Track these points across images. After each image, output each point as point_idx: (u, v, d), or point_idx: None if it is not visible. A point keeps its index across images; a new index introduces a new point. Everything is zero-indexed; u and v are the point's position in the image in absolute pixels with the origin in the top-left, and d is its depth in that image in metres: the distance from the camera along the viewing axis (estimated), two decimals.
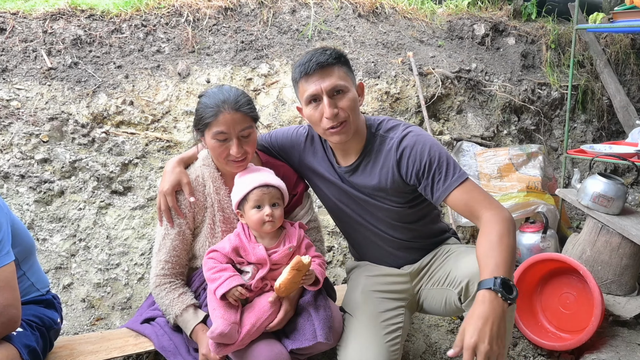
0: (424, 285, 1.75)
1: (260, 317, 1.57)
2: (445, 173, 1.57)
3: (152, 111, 2.75)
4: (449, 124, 3.31)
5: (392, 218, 1.74)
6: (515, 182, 2.89)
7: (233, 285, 1.53)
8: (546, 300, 2.42)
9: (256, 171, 1.67)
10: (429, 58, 3.43)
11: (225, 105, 1.57)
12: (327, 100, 1.55)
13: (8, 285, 1.44)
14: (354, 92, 1.61)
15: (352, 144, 1.68)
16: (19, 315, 1.46)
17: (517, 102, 3.55)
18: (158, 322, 1.79)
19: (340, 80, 1.56)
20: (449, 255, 1.70)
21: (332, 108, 1.55)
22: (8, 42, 2.70)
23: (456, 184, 1.55)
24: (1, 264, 1.43)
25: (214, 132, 1.58)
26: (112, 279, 2.42)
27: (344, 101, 1.57)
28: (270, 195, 1.60)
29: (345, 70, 1.60)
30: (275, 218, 1.60)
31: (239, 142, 1.59)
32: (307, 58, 1.57)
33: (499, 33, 3.92)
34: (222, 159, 1.63)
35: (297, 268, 1.50)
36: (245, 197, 1.61)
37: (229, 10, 3.15)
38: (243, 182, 1.64)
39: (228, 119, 1.56)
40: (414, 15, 3.70)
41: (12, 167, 2.47)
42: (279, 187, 1.64)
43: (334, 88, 1.55)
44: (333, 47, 1.64)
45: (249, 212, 1.62)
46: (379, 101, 3.09)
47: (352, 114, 1.59)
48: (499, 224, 1.44)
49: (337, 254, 2.72)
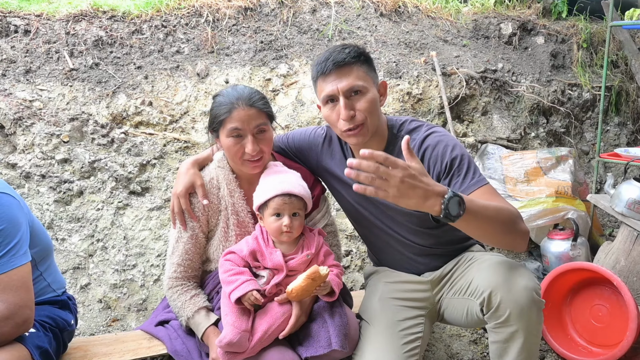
0: (445, 294, 1.67)
1: (272, 323, 1.52)
2: (464, 175, 1.49)
3: (170, 112, 2.74)
4: (474, 125, 3.20)
5: (413, 223, 1.66)
6: (543, 187, 2.76)
7: (249, 290, 1.48)
8: (576, 312, 2.29)
9: (282, 173, 1.61)
10: (452, 58, 3.32)
11: (240, 101, 1.53)
12: (344, 102, 1.49)
13: (24, 285, 1.43)
14: (374, 93, 1.54)
15: (372, 146, 1.61)
16: (33, 316, 1.45)
17: (546, 103, 3.40)
18: (172, 325, 1.77)
19: (358, 81, 1.50)
20: (471, 263, 1.61)
21: (348, 110, 1.49)
22: (32, 43, 2.73)
23: (474, 188, 1.47)
24: (18, 264, 1.42)
25: (229, 129, 1.54)
26: (128, 280, 2.41)
27: (362, 102, 1.50)
28: (292, 206, 1.54)
29: (366, 69, 1.53)
30: (293, 229, 1.54)
31: (254, 140, 1.55)
32: (325, 56, 1.51)
33: (527, 32, 3.78)
34: (237, 159, 1.58)
35: (312, 277, 1.44)
36: (266, 202, 1.56)
37: (249, 10, 3.12)
38: (266, 184, 1.58)
39: (242, 114, 1.52)
40: (438, 14, 3.60)
41: (34, 167, 2.49)
42: (303, 196, 1.57)
43: (351, 89, 1.49)
44: (354, 44, 1.56)
45: (268, 219, 1.57)
46: (400, 102, 3.01)
47: (370, 116, 1.52)
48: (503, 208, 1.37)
49: (355, 259, 2.65)
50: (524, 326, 1.37)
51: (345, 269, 2.64)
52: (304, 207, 1.61)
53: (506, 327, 1.39)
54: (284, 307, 1.55)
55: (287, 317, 1.53)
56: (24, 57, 2.69)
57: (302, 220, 1.59)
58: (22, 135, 2.53)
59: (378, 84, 1.58)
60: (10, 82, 2.60)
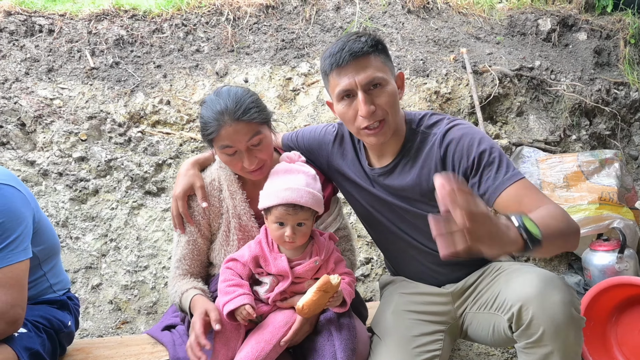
0: (469, 308, 1.49)
1: (275, 334, 1.39)
2: (497, 170, 1.32)
3: (187, 111, 2.69)
4: (507, 127, 2.99)
5: None
6: (585, 193, 2.52)
7: (242, 304, 1.35)
8: (623, 332, 2.05)
9: (291, 174, 1.46)
10: (485, 55, 3.13)
11: (225, 116, 1.38)
12: (363, 96, 1.34)
13: (18, 283, 1.37)
14: (393, 85, 1.40)
15: (389, 143, 1.47)
16: (23, 316, 1.39)
17: (588, 103, 3.14)
18: (178, 330, 1.69)
19: (377, 72, 1.35)
20: (499, 274, 1.43)
21: (369, 105, 1.35)
22: (55, 42, 2.75)
23: (509, 182, 1.30)
24: (15, 260, 1.36)
25: (220, 146, 1.43)
26: (139, 281, 2.35)
27: (383, 96, 1.36)
28: (296, 217, 1.40)
29: (383, 59, 1.39)
30: (296, 239, 1.41)
31: (250, 154, 1.42)
32: (339, 47, 1.37)
33: (567, 28, 3.52)
34: (238, 171, 1.50)
35: (324, 289, 1.31)
36: (269, 209, 1.43)
37: (271, 8, 3.05)
38: (272, 187, 1.44)
39: (231, 132, 1.39)
40: (470, 11, 3.41)
41: (51, 164, 2.49)
42: (311, 206, 1.41)
43: (371, 81, 1.35)
44: (367, 32, 1.42)
45: (270, 225, 1.44)
46: (427, 101, 2.84)
47: (392, 111, 1.38)
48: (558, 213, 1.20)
49: (375, 267, 2.49)
50: (560, 347, 1.19)
51: (364, 278, 2.49)
52: (313, 215, 1.46)
53: (539, 347, 1.21)
54: (286, 315, 1.42)
55: (290, 326, 1.41)
56: (47, 56, 2.71)
57: (308, 229, 1.45)
58: (41, 133, 2.53)
59: (395, 76, 1.44)
60: (32, 81, 2.62)
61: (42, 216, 1.58)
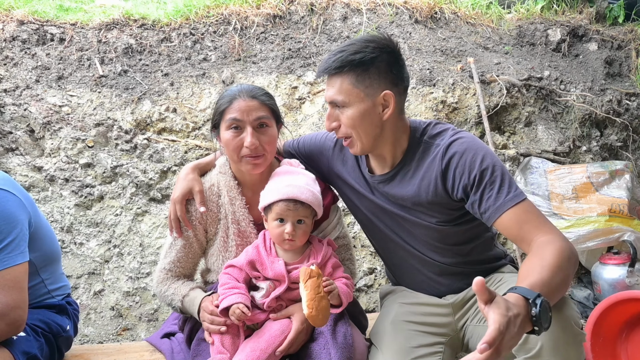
0: (470, 321, 1.45)
1: (271, 343, 1.38)
2: (499, 189, 1.29)
3: (193, 118, 2.71)
4: (515, 137, 2.95)
5: (432, 238, 1.47)
6: (594, 204, 2.47)
7: (236, 302, 1.35)
8: (634, 349, 1.98)
9: (292, 174, 1.49)
10: (492, 65, 3.10)
11: (241, 93, 1.46)
12: (328, 111, 1.41)
13: (17, 285, 1.37)
14: (359, 107, 1.34)
15: (386, 153, 1.45)
16: (25, 318, 1.39)
17: (599, 114, 3.09)
18: (177, 338, 1.68)
19: (338, 95, 1.35)
20: (500, 286, 1.40)
21: (330, 122, 1.41)
22: (66, 51, 2.80)
23: (510, 204, 1.27)
24: (12, 263, 1.37)
25: (227, 120, 1.45)
26: (141, 288, 2.35)
27: (343, 117, 1.38)
28: (296, 213, 1.42)
29: (354, 80, 1.34)
30: (296, 237, 1.42)
31: (254, 133, 1.44)
32: (325, 58, 1.40)
33: (577, 38, 3.49)
34: (236, 155, 1.47)
35: (308, 277, 1.30)
36: (270, 205, 1.44)
37: (278, 18, 3.07)
38: (273, 185, 1.47)
39: (242, 105, 1.44)
40: (478, 21, 3.40)
41: (58, 170, 2.51)
42: (311, 203, 1.44)
43: (332, 102, 1.38)
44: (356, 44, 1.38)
45: (271, 223, 1.45)
46: (433, 111, 2.82)
47: (356, 131, 1.38)
48: (557, 249, 1.16)
49: (379, 278, 2.46)
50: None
51: (367, 288, 2.45)
52: (312, 215, 1.47)
53: None
54: (283, 324, 1.41)
55: (286, 334, 1.39)
56: (57, 64, 2.75)
57: (308, 228, 1.46)
58: (49, 140, 2.57)
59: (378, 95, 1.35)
60: (42, 88, 2.67)
61: (41, 222, 1.57)
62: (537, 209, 1.29)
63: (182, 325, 1.62)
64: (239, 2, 3.06)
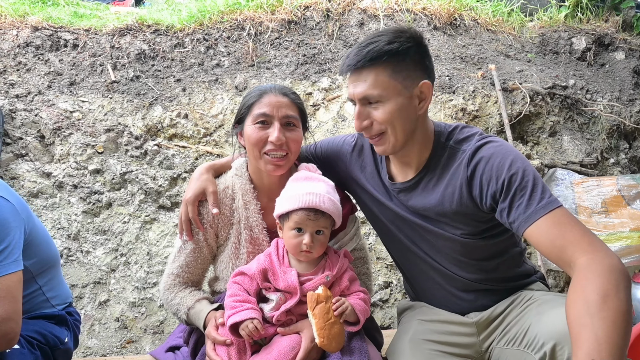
0: (496, 342, 1.32)
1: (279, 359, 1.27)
2: (530, 196, 1.17)
3: (205, 124, 2.64)
4: (539, 147, 2.82)
5: (456, 251, 1.35)
6: (626, 219, 2.32)
7: (248, 317, 1.25)
8: None
9: (312, 180, 1.38)
10: (515, 73, 2.99)
11: (272, 89, 1.41)
12: (358, 109, 1.29)
13: (9, 295, 1.29)
14: (397, 101, 1.25)
15: (412, 156, 1.35)
16: (18, 330, 1.30)
17: (628, 125, 2.95)
18: (182, 352, 1.58)
19: (372, 89, 1.24)
20: (529, 305, 1.27)
21: (361, 120, 1.28)
22: (79, 57, 2.78)
23: (543, 212, 1.14)
24: (4, 272, 1.29)
25: (255, 114, 1.37)
26: (147, 298, 2.27)
27: (379, 113, 1.26)
28: (316, 223, 1.31)
29: (390, 72, 1.24)
30: (314, 248, 1.31)
31: (281, 129, 1.36)
32: (348, 53, 1.29)
33: (603, 47, 3.36)
34: (258, 152, 1.38)
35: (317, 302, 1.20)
36: (288, 214, 1.34)
37: (293, 23, 3.01)
38: (292, 191, 1.36)
39: (273, 100, 1.38)
40: (499, 28, 3.30)
41: (67, 176, 2.46)
42: (332, 214, 1.33)
43: (365, 98, 1.26)
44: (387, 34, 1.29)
45: (287, 232, 1.34)
46: (453, 118, 2.71)
47: (391, 127, 1.27)
48: (602, 276, 1.02)
49: (395, 292, 2.33)
50: None
51: (383, 303, 2.33)
52: (331, 225, 1.36)
53: None
54: (292, 340, 1.30)
55: (296, 352, 1.28)
56: (70, 69, 2.73)
57: (326, 239, 1.35)
58: (59, 145, 2.52)
59: (414, 88, 1.27)
60: (54, 94, 2.64)
61: (37, 228, 1.50)
62: (574, 218, 1.16)
63: (187, 337, 1.53)
64: (254, 8, 3.01)
